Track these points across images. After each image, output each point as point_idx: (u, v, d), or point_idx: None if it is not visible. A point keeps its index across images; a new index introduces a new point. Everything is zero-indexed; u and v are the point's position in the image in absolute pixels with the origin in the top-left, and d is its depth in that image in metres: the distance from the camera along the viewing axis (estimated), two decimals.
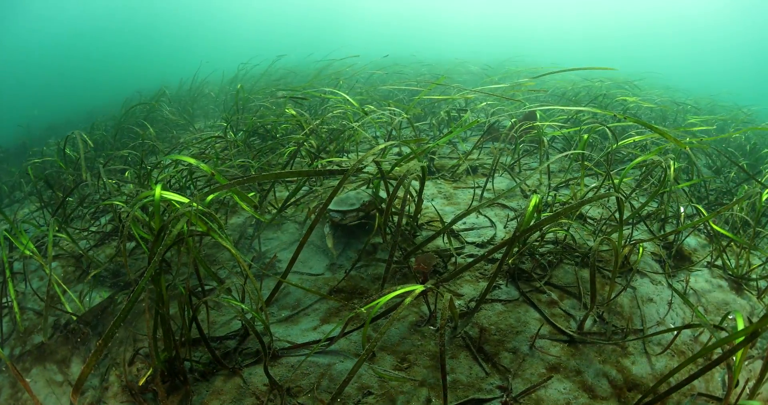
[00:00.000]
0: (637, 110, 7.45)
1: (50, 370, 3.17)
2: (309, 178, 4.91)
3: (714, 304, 3.35)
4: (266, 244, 3.85)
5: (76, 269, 4.05)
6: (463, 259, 3.23)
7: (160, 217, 2.80)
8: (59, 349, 3.29)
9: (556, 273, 3.07)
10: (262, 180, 2.57)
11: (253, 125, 6.23)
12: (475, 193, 4.25)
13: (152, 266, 2.11)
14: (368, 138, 5.14)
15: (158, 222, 2.75)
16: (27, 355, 3.32)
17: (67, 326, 3.35)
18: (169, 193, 2.86)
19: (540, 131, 4.60)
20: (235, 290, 3.22)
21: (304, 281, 3.35)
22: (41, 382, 3.10)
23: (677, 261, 3.62)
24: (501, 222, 3.71)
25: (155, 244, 2.39)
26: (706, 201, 4.72)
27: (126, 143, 7.55)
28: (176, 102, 10.38)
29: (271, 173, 2.58)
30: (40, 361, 3.22)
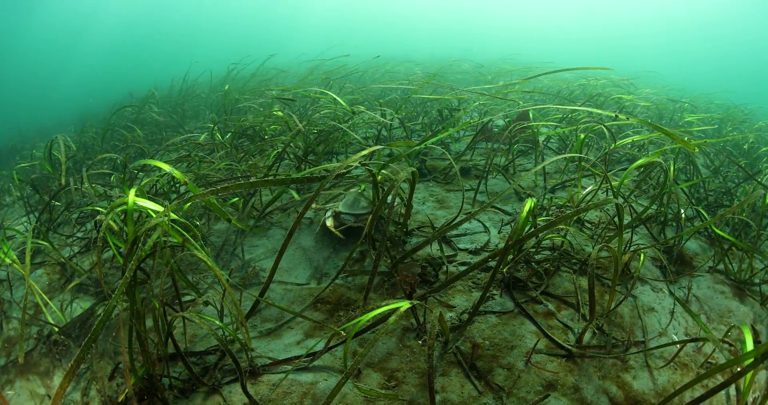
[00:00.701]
0: (633, 108, 7.32)
1: (33, 382, 3.05)
2: None
3: (717, 312, 3.21)
4: (251, 251, 3.70)
5: (60, 277, 3.90)
6: (455, 267, 3.08)
7: (134, 227, 2.64)
8: (42, 360, 3.15)
9: (553, 281, 2.92)
10: (235, 190, 2.41)
11: (240, 127, 6.05)
12: (468, 196, 4.09)
13: (123, 283, 1.94)
14: (358, 139, 4.97)
15: (131, 233, 2.58)
16: (12, 365, 3.18)
17: (49, 337, 3.20)
18: (143, 201, 2.69)
19: (536, 131, 4.45)
20: (217, 301, 3.06)
21: (288, 292, 3.20)
22: (25, 395, 2.98)
23: (678, 266, 3.48)
24: (495, 227, 3.55)
25: (127, 257, 2.23)
26: (705, 202, 4.58)
27: (116, 146, 7.37)
28: (167, 103, 10.19)
29: (245, 182, 2.43)
30: (24, 372, 3.10)
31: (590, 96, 7.11)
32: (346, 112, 5.58)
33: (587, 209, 2.17)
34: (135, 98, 11.14)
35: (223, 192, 2.42)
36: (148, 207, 2.68)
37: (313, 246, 3.66)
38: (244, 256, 3.61)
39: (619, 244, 2.49)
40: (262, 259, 3.60)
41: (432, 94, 6.33)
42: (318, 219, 3.96)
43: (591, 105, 7.11)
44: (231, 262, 3.59)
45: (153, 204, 2.71)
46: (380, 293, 3.04)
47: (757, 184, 4.66)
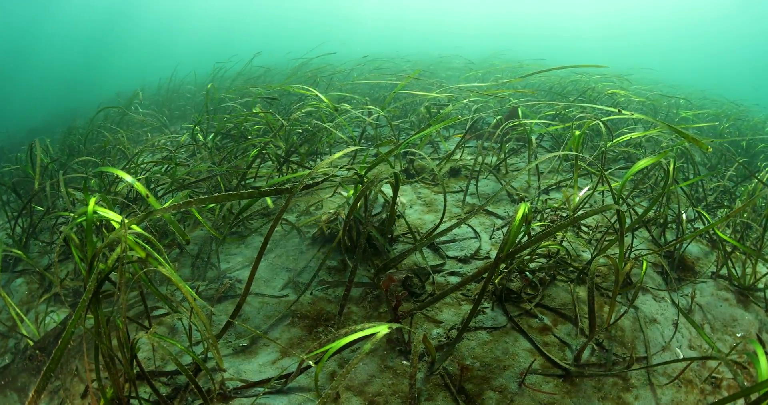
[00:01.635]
0: (627, 104, 7.14)
1: (11, 398, 2.87)
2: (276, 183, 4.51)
3: (721, 321, 3.03)
4: (228, 260, 3.48)
5: (39, 286, 3.67)
6: (443, 277, 2.86)
7: (93, 243, 2.41)
8: (20, 375, 2.94)
9: (549, 292, 2.71)
10: (198, 205, 2.19)
11: (222, 127, 5.81)
12: (458, 199, 3.88)
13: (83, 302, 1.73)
14: (344, 138, 4.75)
15: (91, 247, 2.36)
16: None
17: (25, 352, 2.99)
18: (104, 211, 2.48)
19: (528, 129, 4.24)
20: (187, 319, 2.84)
21: (265, 305, 2.98)
22: None
23: (680, 272, 3.29)
24: (486, 232, 3.35)
25: (88, 274, 2.02)
26: (705, 202, 4.40)
27: (101, 148, 7.11)
28: (154, 103, 9.92)
29: (209, 197, 2.21)
30: (2, 388, 2.92)
31: (582, 92, 6.92)
32: (330, 111, 5.36)
33: (585, 216, 1.97)
34: (123, 98, 10.86)
35: (186, 207, 2.20)
36: (110, 218, 2.47)
37: (293, 254, 3.44)
38: (220, 265, 3.39)
39: (620, 254, 2.28)
40: (239, 269, 3.38)
41: (421, 91, 6.11)
42: (298, 224, 3.74)
43: (584, 101, 6.92)
44: (208, 271, 3.37)
45: (115, 215, 2.50)
46: (363, 306, 2.83)
47: (756, 183, 4.49)
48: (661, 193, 2.84)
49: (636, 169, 2.43)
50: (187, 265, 3.42)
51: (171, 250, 3.65)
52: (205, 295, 3.00)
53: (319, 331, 2.68)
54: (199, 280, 3.27)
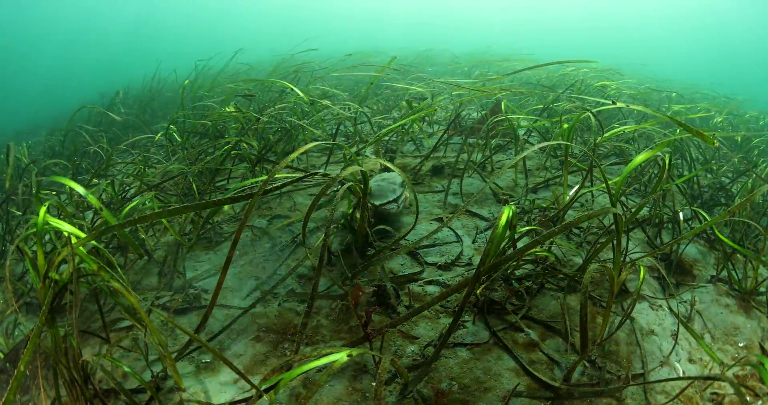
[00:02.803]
0: (618, 97, 6.92)
1: None
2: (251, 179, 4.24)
3: (722, 329, 2.80)
4: (197, 267, 3.22)
5: (14, 295, 3.38)
6: (421, 287, 2.61)
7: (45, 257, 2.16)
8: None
9: (537, 302, 2.47)
10: (153, 219, 1.96)
11: (198, 126, 5.53)
12: (440, 199, 3.63)
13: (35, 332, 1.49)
14: (321, 136, 4.48)
15: (42, 262, 2.10)
16: None
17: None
18: (57, 222, 2.25)
19: (516, 124, 4.00)
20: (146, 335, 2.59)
21: (231, 317, 2.73)
22: None
23: (678, 276, 3.06)
24: (469, 235, 3.09)
25: (43, 291, 1.80)
26: (700, 199, 4.18)
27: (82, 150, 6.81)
28: (137, 103, 9.60)
29: (164, 211, 1.98)
30: None
31: (571, 84, 6.69)
32: (310, 107, 5.09)
33: (578, 222, 1.72)
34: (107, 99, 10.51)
35: (141, 222, 1.97)
36: (63, 229, 2.24)
37: (263, 261, 3.18)
38: (187, 274, 3.13)
39: (616, 262, 2.04)
40: (206, 278, 3.13)
41: (406, 85, 5.85)
42: (270, 230, 3.47)
43: (573, 94, 6.69)
44: (175, 280, 3.11)
45: (70, 227, 2.27)
46: (333, 319, 2.58)
47: (754, 178, 4.28)
48: (655, 189, 2.60)
49: (633, 165, 2.18)
50: (155, 273, 3.17)
51: (140, 257, 3.41)
52: (169, 307, 2.77)
53: (285, 347, 2.44)
54: (165, 289, 3.03)
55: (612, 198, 2.06)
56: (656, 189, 2.47)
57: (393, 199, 2.89)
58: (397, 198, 2.92)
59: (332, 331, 2.52)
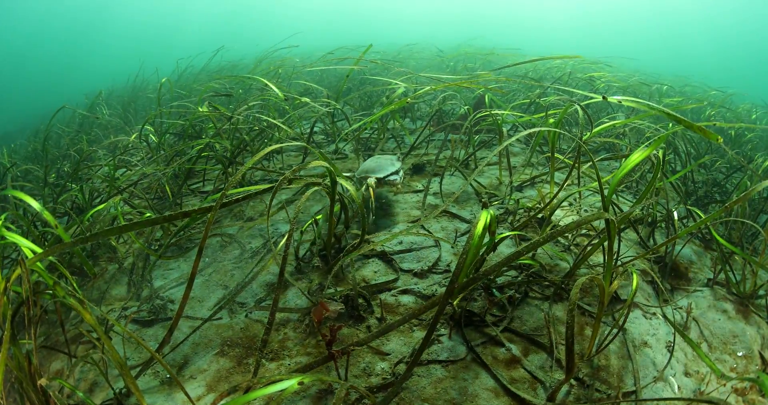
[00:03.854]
0: (606, 90, 6.73)
1: None
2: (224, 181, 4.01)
3: (719, 337, 2.61)
4: (166, 275, 3.04)
5: None
6: (394, 297, 2.39)
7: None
8: None
9: (520, 313, 2.26)
10: (104, 237, 1.76)
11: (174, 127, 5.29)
12: (418, 199, 3.41)
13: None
14: (294, 135, 4.25)
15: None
16: None
17: None
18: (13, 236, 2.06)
19: (500, 120, 3.78)
20: (120, 342, 2.43)
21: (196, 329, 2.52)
22: None
23: (672, 279, 2.86)
24: (449, 239, 2.88)
25: None
26: (695, 195, 4.00)
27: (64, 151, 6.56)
28: (120, 103, 9.33)
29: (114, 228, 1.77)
30: None
31: (558, 78, 6.48)
32: (285, 103, 4.85)
33: (567, 231, 1.51)
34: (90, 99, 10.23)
35: (92, 240, 1.78)
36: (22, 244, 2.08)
37: (232, 269, 2.97)
38: (155, 283, 2.93)
39: (607, 271, 1.84)
40: (174, 287, 2.94)
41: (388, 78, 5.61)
42: (240, 235, 3.25)
43: (561, 88, 6.49)
44: (143, 288, 2.90)
45: (26, 241, 2.11)
46: (300, 332, 2.36)
47: (750, 174, 4.10)
48: (648, 189, 2.40)
49: (629, 166, 1.96)
50: (124, 282, 2.99)
51: (110, 263, 3.20)
52: (137, 318, 2.60)
53: (249, 362, 2.25)
54: (133, 299, 2.83)
55: (604, 201, 1.85)
56: (649, 189, 2.26)
57: (394, 171, 2.98)
58: (397, 170, 2.99)
59: (300, 345, 2.32)
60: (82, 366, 2.37)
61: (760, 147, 6.10)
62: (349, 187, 2.14)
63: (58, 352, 2.47)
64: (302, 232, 2.88)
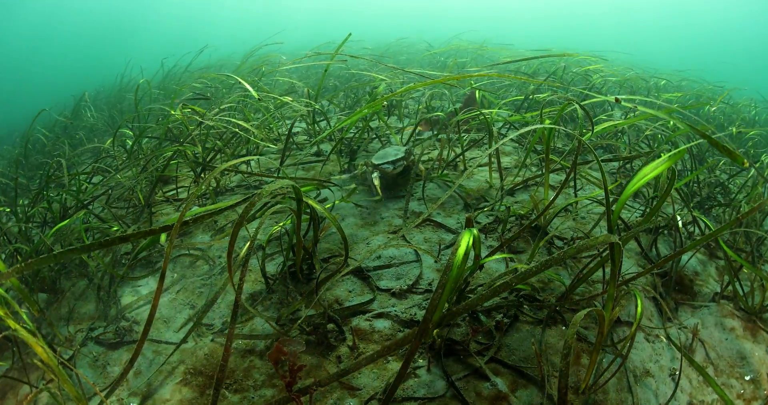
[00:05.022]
0: (603, 85, 6.48)
1: None
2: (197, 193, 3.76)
3: (726, 359, 2.39)
4: (135, 292, 2.80)
5: None
6: (368, 321, 2.14)
7: None
8: None
9: (509, 340, 2.01)
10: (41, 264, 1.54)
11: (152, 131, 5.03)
12: (400, 206, 3.16)
13: None
14: (278, 135, 3.99)
15: None
16: None
17: None
18: None
19: (490, 118, 3.53)
20: (87, 365, 2.32)
21: (159, 355, 2.34)
22: None
23: (676, 293, 2.63)
24: (432, 252, 2.63)
25: None
26: (698, 197, 3.76)
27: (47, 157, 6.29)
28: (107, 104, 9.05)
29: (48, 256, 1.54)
30: None
31: (552, 72, 6.23)
32: (270, 104, 4.59)
33: (567, 257, 1.27)
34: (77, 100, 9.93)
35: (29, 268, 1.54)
36: None
37: (200, 286, 2.74)
38: (122, 301, 2.71)
39: (609, 299, 1.60)
40: (141, 305, 2.74)
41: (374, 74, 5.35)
42: (210, 250, 3.00)
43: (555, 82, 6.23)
44: (111, 306, 2.68)
45: None
46: (266, 360, 2.13)
47: (755, 175, 3.88)
48: (659, 205, 2.16)
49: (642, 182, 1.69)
50: (93, 299, 2.79)
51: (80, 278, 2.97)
52: (103, 340, 2.44)
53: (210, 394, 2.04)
54: (101, 318, 2.63)
55: (610, 221, 1.60)
56: (660, 205, 2.02)
57: (390, 161, 3.18)
58: (394, 161, 3.19)
59: (266, 375, 2.10)
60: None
61: (761, 144, 5.88)
62: (315, 205, 1.89)
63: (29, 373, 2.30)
64: (264, 247, 2.64)
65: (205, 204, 3.62)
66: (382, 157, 3.28)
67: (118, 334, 2.45)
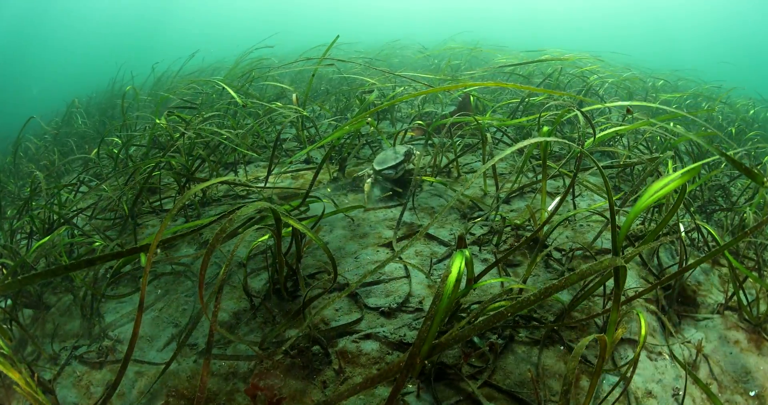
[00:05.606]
0: (600, 86, 6.38)
1: None
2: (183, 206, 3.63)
3: (731, 375, 2.28)
4: (118, 309, 2.69)
5: None
6: (355, 343, 2.03)
7: None
8: None
9: (504, 363, 1.90)
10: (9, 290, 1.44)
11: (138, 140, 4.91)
12: (391, 216, 3.04)
13: None
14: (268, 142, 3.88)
15: None
16: None
17: None
18: None
19: (483, 123, 3.43)
20: (71, 384, 2.23)
21: (141, 376, 2.22)
22: None
23: (679, 305, 2.52)
24: (423, 266, 2.52)
25: None
26: (699, 201, 3.66)
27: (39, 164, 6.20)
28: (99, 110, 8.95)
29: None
30: None
31: (549, 75, 6.13)
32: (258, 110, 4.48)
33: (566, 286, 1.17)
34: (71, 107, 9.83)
35: None
36: None
37: (184, 303, 2.63)
38: (106, 317, 2.62)
39: (611, 326, 1.49)
40: (126, 323, 2.66)
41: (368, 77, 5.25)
42: (195, 265, 2.89)
43: (551, 84, 6.14)
44: (95, 324, 2.57)
45: None
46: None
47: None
48: (666, 219, 2.06)
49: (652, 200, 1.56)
50: (77, 315, 2.69)
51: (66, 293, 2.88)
52: (86, 359, 2.33)
53: None
54: (85, 336, 2.53)
55: (615, 242, 1.48)
56: (667, 220, 1.91)
57: (391, 166, 3.20)
58: (396, 165, 3.21)
59: (250, 399, 1.98)
60: None
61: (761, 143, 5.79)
62: (296, 225, 1.78)
63: None
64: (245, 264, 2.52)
65: (191, 215, 3.51)
66: (382, 162, 3.27)
67: (101, 353, 2.36)
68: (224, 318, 2.45)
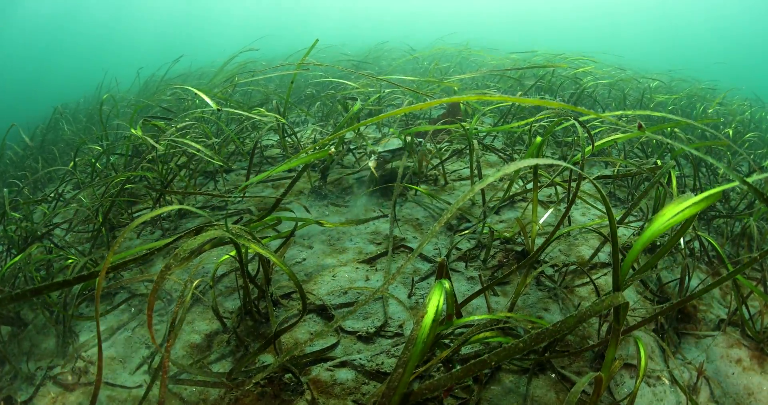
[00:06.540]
0: (594, 88, 6.24)
1: None
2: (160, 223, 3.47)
3: (733, 397, 2.14)
4: (92, 328, 2.55)
5: None
6: (330, 371, 1.87)
7: None
8: None
9: (489, 394, 1.74)
10: None
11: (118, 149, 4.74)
12: (373, 230, 2.88)
13: None
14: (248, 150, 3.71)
15: None
16: None
17: None
18: None
19: (470, 129, 3.27)
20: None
21: (113, 401, 2.07)
22: None
23: (679, 322, 2.37)
24: (405, 285, 2.36)
25: None
26: None
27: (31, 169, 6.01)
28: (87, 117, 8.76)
29: None
30: None
31: (540, 76, 5.99)
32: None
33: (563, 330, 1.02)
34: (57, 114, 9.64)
35: None
36: None
37: (156, 323, 2.52)
38: (81, 336, 2.49)
39: (605, 368, 1.33)
40: (102, 341, 2.44)
41: (358, 83, 5.09)
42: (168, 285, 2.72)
43: (543, 87, 6.00)
44: (69, 342, 2.43)
45: None
46: None
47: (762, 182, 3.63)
48: (675, 238, 1.90)
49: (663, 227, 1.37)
50: (53, 333, 2.55)
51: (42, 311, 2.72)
52: (60, 380, 2.21)
53: None
54: (58, 356, 2.39)
55: (617, 276, 1.33)
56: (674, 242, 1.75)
57: (390, 150, 3.39)
58: (394, 150, 3.41)
59: None
60: None
61: (758, 145, 5.67)
62: (262, 252, 1.62)
63: None
64: (212, 286, 2.36)
65: (167, 228, 3.35)
66: (385, 146, 3.52)
67: (75, 374, 2.25)
68: (196, 340, 2.29)
